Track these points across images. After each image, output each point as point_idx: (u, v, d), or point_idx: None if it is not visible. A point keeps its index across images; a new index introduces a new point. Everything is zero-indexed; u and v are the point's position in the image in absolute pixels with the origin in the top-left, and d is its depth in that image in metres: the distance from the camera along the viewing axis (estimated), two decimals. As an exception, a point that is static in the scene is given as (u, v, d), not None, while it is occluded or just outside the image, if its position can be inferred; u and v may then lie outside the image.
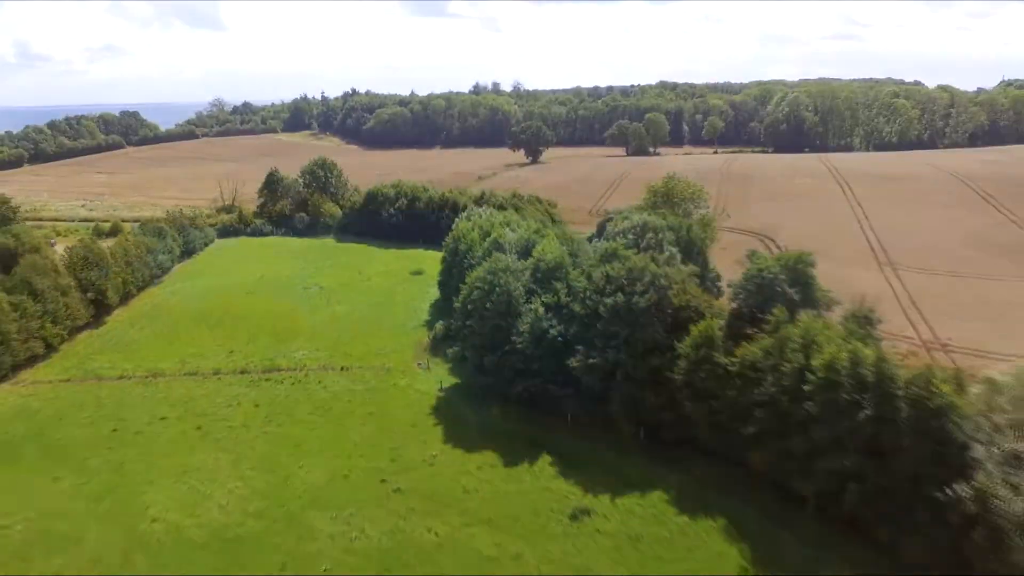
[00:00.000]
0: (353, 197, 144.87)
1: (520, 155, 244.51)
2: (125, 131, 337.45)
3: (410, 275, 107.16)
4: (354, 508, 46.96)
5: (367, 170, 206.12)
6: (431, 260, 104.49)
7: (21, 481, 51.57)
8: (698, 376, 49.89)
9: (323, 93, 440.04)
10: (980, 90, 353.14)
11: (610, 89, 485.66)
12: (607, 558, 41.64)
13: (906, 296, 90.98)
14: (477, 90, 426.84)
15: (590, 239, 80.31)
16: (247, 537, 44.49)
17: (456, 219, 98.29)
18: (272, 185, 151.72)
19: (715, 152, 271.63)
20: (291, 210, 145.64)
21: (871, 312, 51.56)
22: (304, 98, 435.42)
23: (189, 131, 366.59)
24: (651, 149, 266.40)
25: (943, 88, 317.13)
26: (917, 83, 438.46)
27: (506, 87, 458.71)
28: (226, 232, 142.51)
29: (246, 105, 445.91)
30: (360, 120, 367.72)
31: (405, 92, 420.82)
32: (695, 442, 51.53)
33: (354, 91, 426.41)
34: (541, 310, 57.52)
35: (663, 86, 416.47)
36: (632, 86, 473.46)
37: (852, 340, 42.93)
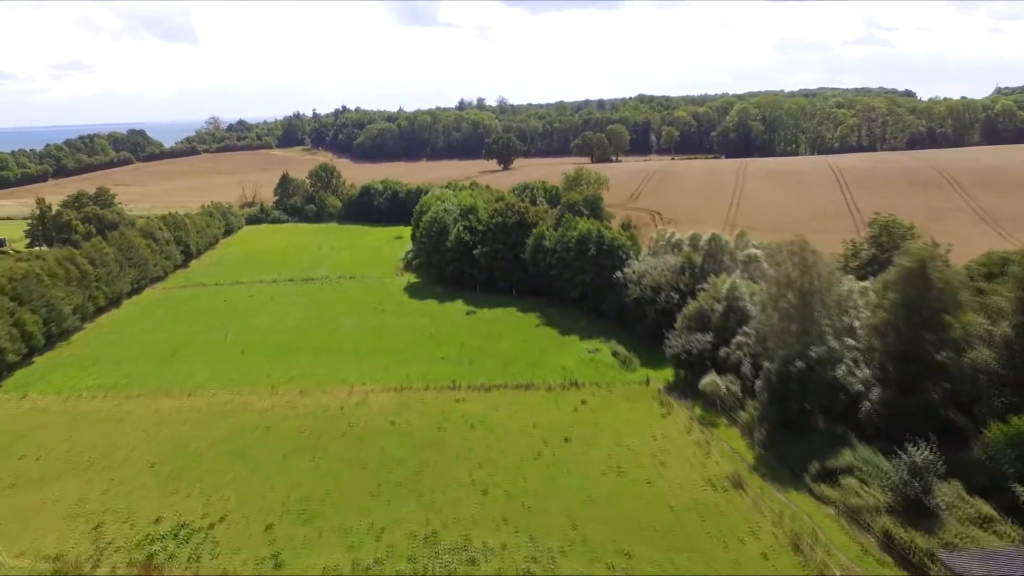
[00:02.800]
0: (350, 192, 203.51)
1: (496, 164, 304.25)
2: (133, 148, 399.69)
3: (394, 239, 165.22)
4: (360, 317, 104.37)
5: (357, 181, 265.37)
6: (408, 232, 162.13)
7: (185, 318, 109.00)
8: (536, 255, 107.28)
9: (314, 110, 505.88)
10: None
11: (601, 104, 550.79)
12: (484, 325, 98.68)
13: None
14: (462, 106, 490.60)
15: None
16: (307, 327, 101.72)
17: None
18: (286, 185, 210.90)
19: (672, 159, 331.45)
20: (302, 203, 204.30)
21: (633, 224, 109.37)
22: (297, 115, 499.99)
23: (191, 148, 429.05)
24: (613, 157, 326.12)
25: (887, 98, 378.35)
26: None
27: (493, 102, 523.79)
28: (251, 220, 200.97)
29: (241, 122, 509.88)
30: (351, 135, 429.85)
31: (394, 108, 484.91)
32: (536, 290, 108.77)
33: (344, 108, 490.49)
34: (461, 229, 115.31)
35: (640, 99, 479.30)
36: (620, 99, 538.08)
37: (594, 223, 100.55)
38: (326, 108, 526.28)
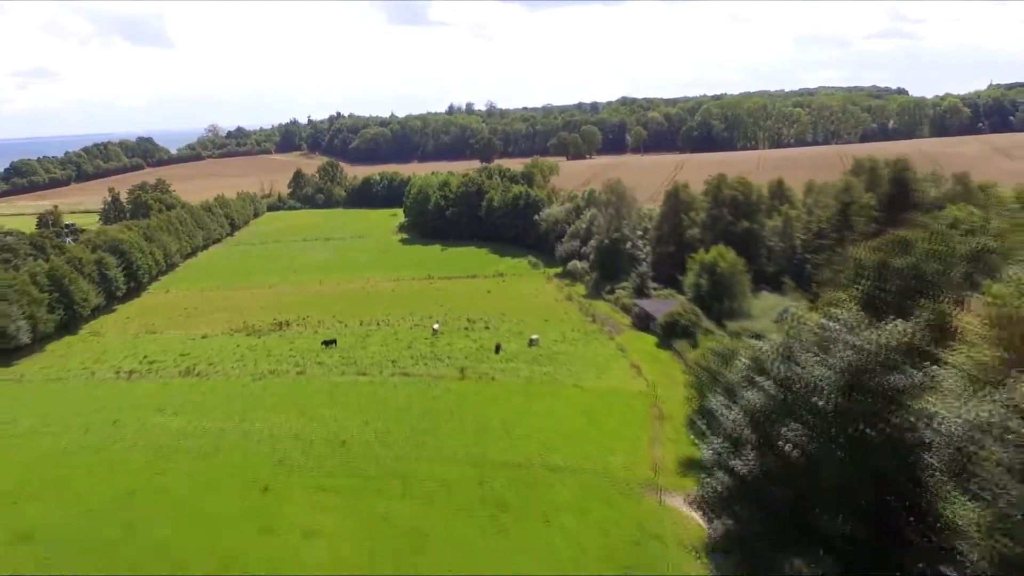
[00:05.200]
0: (353, 183, 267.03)
1: (479, 163, 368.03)
2: (143, 154, 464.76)
3: (390, 216, 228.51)
4: (369, 255, 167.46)
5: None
6: (401, 211, 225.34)
7: (248, 259, 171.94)
8: (488, 213, 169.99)
9: (310, 117, 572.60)
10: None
11: (595, 106, 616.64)
12: (451, 256, 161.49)
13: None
14: (451, 110, 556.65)
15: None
16: (334, 260, 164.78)
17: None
18: (298, 179, 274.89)
19: (641, 155, 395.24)
20: (312, 193, 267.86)
21: (554, 189, 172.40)
22: (294, 122, 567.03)
23: (195, 153, 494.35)
24: (587, 155, 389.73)
25: (843, 96, 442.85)
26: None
27: (483, 106, 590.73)
28: (270, 208, 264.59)
29: (239, 130, 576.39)
30: (346, 140, 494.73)
31: (387, 112, 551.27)
32: (488, 237, 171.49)
33: (339, 114, 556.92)
34: (438, 197, 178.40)
35: (622, 101, 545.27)
36: (608, 102, 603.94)
37: (525, 187, 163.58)
38: (316, 112, 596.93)
